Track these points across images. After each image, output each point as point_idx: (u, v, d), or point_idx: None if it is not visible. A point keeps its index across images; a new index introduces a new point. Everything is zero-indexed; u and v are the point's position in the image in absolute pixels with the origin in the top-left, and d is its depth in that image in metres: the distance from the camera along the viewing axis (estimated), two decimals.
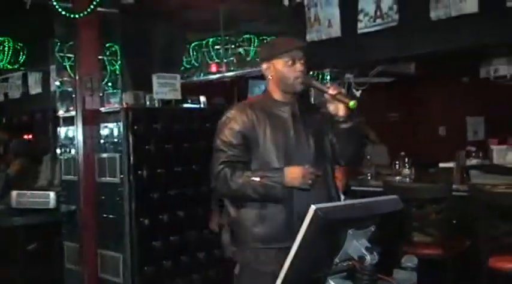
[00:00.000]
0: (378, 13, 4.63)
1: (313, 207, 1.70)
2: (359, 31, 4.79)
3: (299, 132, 2.63)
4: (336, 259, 1.82)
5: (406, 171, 5.01)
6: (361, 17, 4.76)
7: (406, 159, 5.10)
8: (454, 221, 4.13)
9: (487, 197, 3.68)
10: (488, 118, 8.09)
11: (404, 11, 4.55)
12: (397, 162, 5.16)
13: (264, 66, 2.68)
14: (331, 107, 2.55)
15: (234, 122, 2.61)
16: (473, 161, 5.37)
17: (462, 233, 4.15)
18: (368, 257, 1.78)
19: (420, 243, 4.04)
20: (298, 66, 2.59)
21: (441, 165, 5.20)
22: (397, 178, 5.01)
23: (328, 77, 5.89)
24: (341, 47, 5.23)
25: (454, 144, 6.27)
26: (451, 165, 4.93)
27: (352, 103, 2.45)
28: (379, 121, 7.55)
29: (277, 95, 2.67)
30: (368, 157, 5.72)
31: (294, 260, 1.68)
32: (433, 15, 4.29)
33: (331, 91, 2.48)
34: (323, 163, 2.66)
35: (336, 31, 5.06)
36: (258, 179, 2.48)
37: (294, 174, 2.45)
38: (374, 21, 4.66)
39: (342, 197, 2.97)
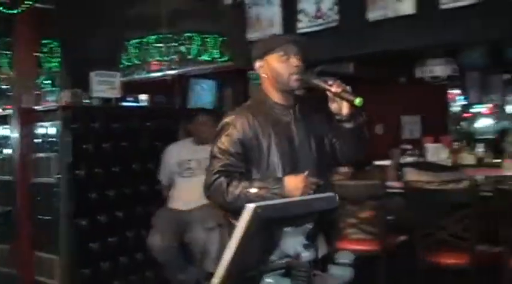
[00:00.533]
0: (318, 13, 4.69)
1: (250, 206, 1.70)
2: (299, 31, 4.84)
3: (302, 137, 2.48)
4: (273, 256, 1.83)
5: (342, 169, 5.08)
6: (301, 17, 4.81)
7: None
8: (390, 218, 4.22)
9: (420, 194, 3.78)
10: (423, 117, 8.33)
11: (344, 12, 4.63)
12: None
13: (257, 64, 2.51)
14: (334, 106, 2.37)
15: (233, 128, 2.43)
16: (408, 159, 5.52)
17: (398, 229, 4.25)
18: (304, 254, 1.79)
19: (357, 240, 4.12)
20: (294, 61, 2.40)
21: (376, 162, 5.32)
22: (335, 176, 5.07)
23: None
24: None
25: (390, 143, 6.43)
26: (386, 162, 5.05)
27: (358, 100, 2.28)
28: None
29: (275, 97, 2.50)
30: None
31: (231, 259, 1.68)
32: (370, 16, 4.38)
33: (335, 88, 2.30)
34: (324, 167, 2.53)
35: (276, 30, 5.09)
36: (255, 190, 2.31)
37: (294, 184, 2.29)
38: (314, 20, 4.71)
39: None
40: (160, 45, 7.36)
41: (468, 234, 3.62)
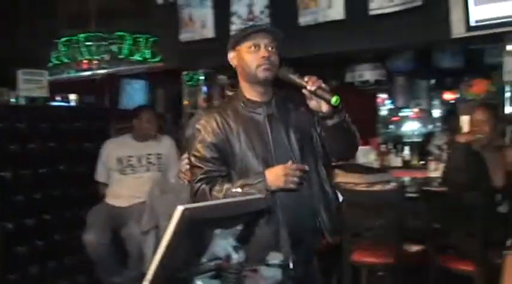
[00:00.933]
0: (250, 16, 4.72)
1: (180, 207, 1.69)
2: (232, 33, 4.85)
3: (278, 133, 2.36)
4: (203, 258, 1.83)
5: None
6: (234, 19, 4.82)
7: None
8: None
9: (349, 195, 3.86)
10: (354, 120, 8.49)
11: (275, 15, 4.68)
12: None
13: (231, 55, 2.41)
14: (312, 103, 2.23)
15: (204, 134, 2.34)
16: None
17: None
18: (234, 256, 1.80)
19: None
20: (263, 51, 2.31)
21: None
22: None
23: (202, 78, 5.91)
24: (215, 47, 5.25)
25: None
26: None
27: (334, 99, 2.15)
28: None
29: (248, 92, 2.39)
30: None
31: (161, 261, 1.66)
32: (301, 20, 4.44)
33: (310, 86, 2.18)
34: (313, 161, 2.39)
35: (209, 32, 5.09)
36: (239, 190, 2.23)
37: (274, 175, 2.21)
38: (246, 23, 4.74)
39: (340, 197, 2.66)
40: (91, 43, 7.19)
41: (393, 234, 3.72)
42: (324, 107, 2.21)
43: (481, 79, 6.28)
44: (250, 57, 2.32)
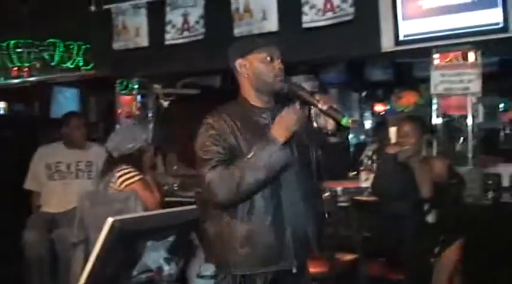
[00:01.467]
0: (185, 25, 4.71)
1: (110, 219, 1.67)
2: (166, 42, 4.82)
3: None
4: (134, 271, 1.80)
5: None
6: (168, 28, 4.80)
7: None
8: None
9: None
10: None
11: (210, 26, 4.69)
12: None
13: (239, 62, 2.36)
14: (320, 121, 2.22)
15: (213, 129, 2.30)
16: None
17: None
18: (166, 268, 1.79)
19: None
20: (277, 63, 2.31)
21: None
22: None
23: (136, 86, 5.84)
24: (149, 56, 5.23)
25: None
26: None
27: (345, 120, 2.11)
28: (187, 132, 7.64)
29: (253, 100, 2.38)
30: (175, 167, 5.76)
31: (90, 274, 1.63)
32: (236, 31, 4.47)
33: (321, 105, 2.14)
34: (308, 174, 2.39)
35: (143, 41, 5.04)
36: (251, 156, 2.17)
37: (282, 123, 2.19)
38: (181, 33, 4.73)
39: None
40: (21, 50, 6.96)
41: (328, 243, 3.76)
42: (330, 126, 2.21)
43: (410, 91, 6.49)
44: (266, 67, 2.32)
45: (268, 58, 2.32)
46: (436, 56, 4.36)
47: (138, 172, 3.59)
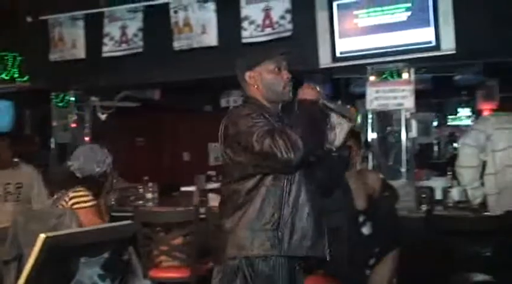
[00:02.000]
0: (124, 38, 4.66)
1: (42, 235, 1.62)
2: (104, 54, 4.76)
3: None
4: None
5: (150, 195, 5.07)
6: (106, 40, 4.74)
7: (150, 184, 5.16)
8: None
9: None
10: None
11: (149, 39, 4.65)
12: (140, 187, 5.20)
13: (248, 74, 2.43)
14: (332, 134, 2.42)
15: (259, 112, 2.30)
16: (214, 185, 5.65)
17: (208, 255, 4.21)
18: None
19: (168, 267, 4.07)
20: (285, 73, 2.41)
21: (182, 188, 5.38)
22: (140, 202, 5.03)
23: (73, 99, 5.72)
24: (86, 69, 5.14)
25: (197, 169, 6.55)
26: (192, 188, 5.13)
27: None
28: (125, 146, 7.55)
29: (265, 104, 2.43)
30: (114, 181, 5.66)
31: None
32: (176, 45, 4.46)
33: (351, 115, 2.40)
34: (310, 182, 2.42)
35: (80, 53, 4.95)
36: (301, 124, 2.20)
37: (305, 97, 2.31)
38: (119, 45, 4.68)
39: None
40: None
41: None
42: (338, 141, 2.43)
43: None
44: (275, 78, 2.41)
45: (277, 69, 2.41)
46: (371, 72, 4.48)
47: (92, 197, 3.47)
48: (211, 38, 4.36)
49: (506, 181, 3.56)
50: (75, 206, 3.45)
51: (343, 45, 4.38)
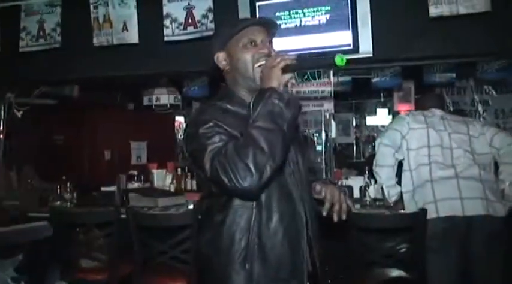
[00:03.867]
0: (41, 33, 4.52)
1: None
2: (21, 49, 4.59)
3: None
4: None
5: (67, 195, 4.93)
6: (23, 35, 4.57)
7: (68, 183, 5.02)
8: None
9: (144, 218, 3.82)
10: (150, 143, 8.54)
11: (68, 34, 4.54)
12: (58, 186, 5.04)
13: (218, 55, 2.03)
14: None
15: (215, 120, 1.88)
16: (135, 184, 5.57)
17: (128, 256, 4.13)
18: None
19: (88, 269, 3.95)
20: (261, 46, 1.97)
21: (103, 188, 5.27)
22: (58, 202, 4.88)
23: None
24: (1, 64, 4.94)
25: (118, 168, 6.43)
26: (112, 188, 5.03)
27: (338, 59, 1.80)
28: (43, 144, 7.31)
29: (242, 94, 2.04)
30: (30, 180, 5.47)
31: None
32: (95, 41, 4.38)
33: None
34: (306, 178, 2.13)
35: None
36: (254, 116, 1.80)
37: (268, 73, 1.85)
38: (36, 40, 4.53)
39: None
40: None
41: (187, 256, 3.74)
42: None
43: None
44: (245, 56, 1.98)
45: (249, 44, 1.99)
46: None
47: None
48: (132, 35, 4.31)
49: (421, 179, 3.66)
50: None
51: None
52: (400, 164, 3.85)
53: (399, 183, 3.88)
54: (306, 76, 4.53)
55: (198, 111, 2.05)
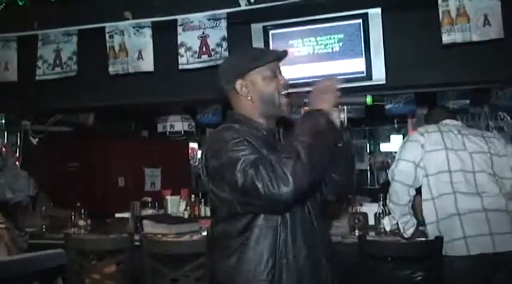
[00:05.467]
0: (57, 62, 4.57)
1: None
2: (37, 78, 4.65)
3: None
4: None
5: (82, 222, 4.95)
6: (39, 63, 4.64)
7: (82, 210, 5.04)
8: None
9: (157, 246, 3.82)
10: (164, 170, 8.57)
11: (84, 63, 4.59)
12: (73, 213, 5.07)
13: (240, 82, 2.11)
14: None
15: (243, 137, 1.95)
16: (149, 211, 5.57)
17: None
18: None
19: None
20: (282, 78, 2.13)
21: (117, 215, 5.28)
22: (73, 229, 4.90)
23: (3, 122, 5.58)
24: (17, 92, 5.00)
25: (132, 195, 6.44)
26: (126, 215, 5.04)
27: (369, 99, 2.10)
28: (58, 171, 7.36)
29: (257, 119, 2.12)
30: (44, 208, 5.49)
31: None
32: (111, 69, 4.42)
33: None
34: (315, 199, 2.16)
35: (12, 75, 4.81)
36: (300, 136, 1.86)
37: (319, 94, 2.02)
38: (53, 69, 4.58)
39: None
40: None
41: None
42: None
43: None
44: (272, 87, 2.11)
45: (272, 75, 2.13)
46: (307, 100, 4.55)
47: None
48: (147, 64, 4.34)
49: (445, 211, 3.38)
50: None
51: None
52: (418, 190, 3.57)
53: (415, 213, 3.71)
54: None
55: (219, 131, 2.06)
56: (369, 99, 2.09)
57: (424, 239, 3.61)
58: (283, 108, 2.13)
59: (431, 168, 3.46)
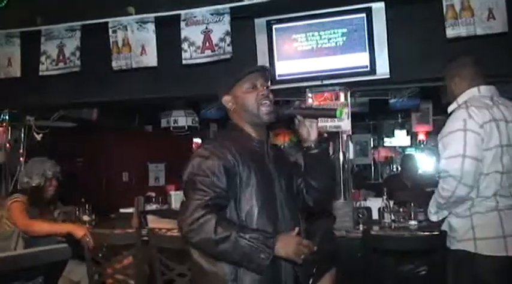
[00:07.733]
0: (61, 57, 4.57)
1: None
2: (41, 73, 4.65)
3: (275, 173, 2.38)
4: None
5: (86, 217, 4.97)
6: (43, 59, 4.63)
7: (87, 205, 5.06)
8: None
9: (162, 240, 3.83)
10: (168, 165, 8.58)
11: (87, 58, 4.59)
12: (77, 209, 5.08)
13: (225, 99, 2.42)
14: (304, 131, 2.42)
15: (215, 156, 2.23)
16: (153, 206, 5.59)
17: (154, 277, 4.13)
18: None
19: None
20: (261, 90, 2.37)
21: (121, 210, 5.30)
22: None
23: (7, 117, 5.58)
24: (21, 87, 5.01)
25: (136, 190, 6.46)
26: (130, 210, 5.05)
27: (338, 112, 2.38)
28: (61, 167, 7.36)
29: (248, 130, 2.41)
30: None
31: None
32: (114, 64, 4.42)
33: (316, 104, 2.39)
34: (294, 208, 2.42)
35: (16, 71, 4.82)
36: (247, 238, 2.09)
37: (286, 244, 2.15)
38: (56, 64, 4.58)
39: None
40: None
41: None
42: (314, 134, 2.42)
43: (285, 129, 6.72)
44: (249, 98, 2.36)
45: (251, 88, 2.37)
46: (310, 95, 4.56)
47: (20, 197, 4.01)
48: (150, 59, 4.33)
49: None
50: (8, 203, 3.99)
51: (282, 68, 4.46)
52: None
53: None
54: (322, 98, 4.53)
55: (199, 153, 2.31)
56: (338, 113, 2.39)
57: (428, 233, 3.62)
58: (264, 116, 2.36)
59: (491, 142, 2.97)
